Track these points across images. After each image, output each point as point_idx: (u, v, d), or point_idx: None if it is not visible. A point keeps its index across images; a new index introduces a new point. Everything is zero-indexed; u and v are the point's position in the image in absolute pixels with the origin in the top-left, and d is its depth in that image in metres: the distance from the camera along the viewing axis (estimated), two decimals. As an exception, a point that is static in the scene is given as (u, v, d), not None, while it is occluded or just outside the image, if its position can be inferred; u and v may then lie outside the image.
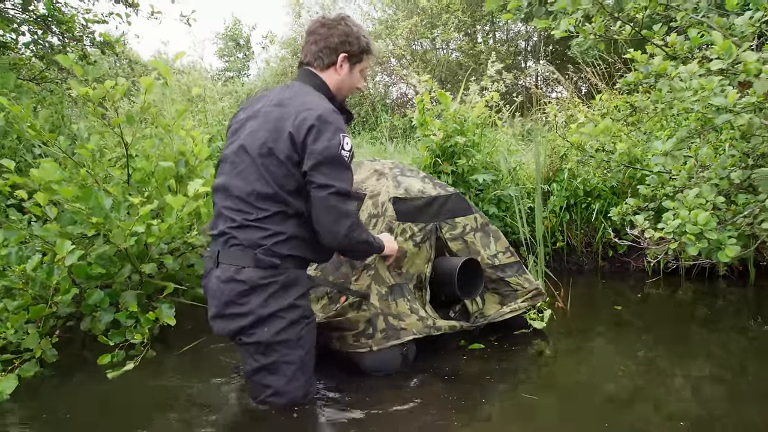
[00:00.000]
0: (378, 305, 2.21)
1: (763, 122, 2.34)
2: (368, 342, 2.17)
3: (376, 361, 2.19)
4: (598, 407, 2.00)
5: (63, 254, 2.28)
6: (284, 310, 1.83)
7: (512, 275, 2.70)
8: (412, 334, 2.22)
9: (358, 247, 1.91)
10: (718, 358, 2.52)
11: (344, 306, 2.25)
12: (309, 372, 1.95)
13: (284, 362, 1.86)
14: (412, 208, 2.47)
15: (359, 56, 1.95)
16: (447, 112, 3.96)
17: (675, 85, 2.38)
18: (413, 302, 2.33)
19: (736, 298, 3.47)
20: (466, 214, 2.67)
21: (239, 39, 14.62)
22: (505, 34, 11.77)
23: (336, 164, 1.77)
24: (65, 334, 2.67)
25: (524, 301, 2.67)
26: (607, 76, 5.62)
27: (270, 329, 1.82)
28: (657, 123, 4.13)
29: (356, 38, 1.92)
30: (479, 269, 2.55)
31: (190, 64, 11.51)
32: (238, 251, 1.82)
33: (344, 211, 1.80)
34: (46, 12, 5.17)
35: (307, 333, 1.91)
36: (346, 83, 1.97)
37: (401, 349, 2.23)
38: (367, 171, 2.74)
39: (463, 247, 2.62)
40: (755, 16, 2.45)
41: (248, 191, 1.80)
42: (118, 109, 2.65)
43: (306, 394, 1.93)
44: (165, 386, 2.24)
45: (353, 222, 1.83)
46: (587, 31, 2.62)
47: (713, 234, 2.38)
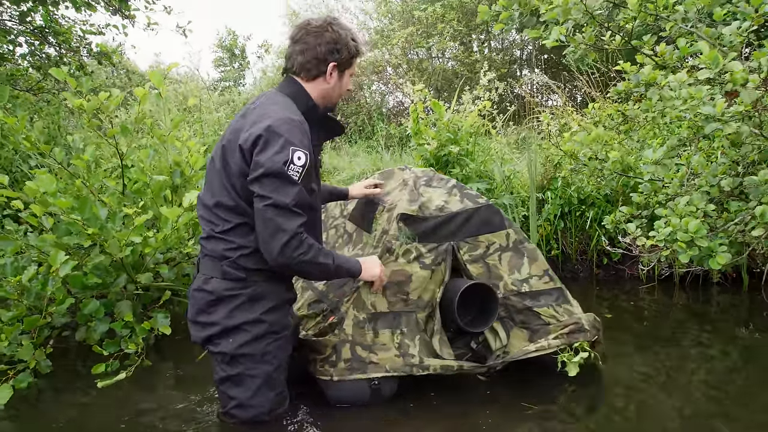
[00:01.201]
0: (350, 332, 2.03)
1: (752, 130, 2.38)
2: (330, 370, 2.00)
3: (337, 391, 2.01)
4: (595, 413, 2.00)
5: (57, 265, 2.29)
6: (249, 323, 1.79)
7: (546, 305, 2.29)
8: (384, 371, 1.98)
9: (303, 267, 1.74)
10: (709, 364, 2.53)
11: (326, 326, 2.11)
12: (277, 388, 1.87)
13: (248, 375, 1.82)
14: (424, 227, 2.23)
15: (349, 62, 1.87)
16: (441, 122, 3.99)
17: (665, 94, 2.41)
18: (409, 335, 2.08)
19: (730, 304, 3.49)
20: (496, 229, 2.34)
21: (234, 49, 14.68)
22: (500, 43, 11.85)
23: (279, 178, 1.66)
24: (60, 344, 2.67)
25: (557, 337, 2.20)
26: (601, 85, 5.67)
27: (234, 341, 1.80)
28: (650, 131, 4.17)
29: (345, 45, 1.82)
30: (492, 296, 2.20)
31: (186, 74, 11.56)
32: (209, 261, 1.81)
33: (280, 226, 1.66)
34: (43, 23, 5.20)
35: (274, 349, 1.84)
36: (336, 90, 1.89)
37: (369, 382, 1.99)
38: (396, 181, 2.53)
39: (483, 270, 2.29)
40: (743, 26, 2.49)
41: (214, 202, 1.79)
42: (113, 120, 2.67)
43: (272, 409, 1.86)
44: (160, 396, 2.24)
45: (291, 238, 1.67)
46: (577, 41, 2.65)
47: (704, 241, 2.40)
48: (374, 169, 5.14)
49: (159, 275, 2.81)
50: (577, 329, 2.20)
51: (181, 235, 2.70)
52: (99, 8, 5.17)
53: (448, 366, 2.04)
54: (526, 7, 2.80)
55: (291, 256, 1.69)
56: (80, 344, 2.62)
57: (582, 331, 2.20)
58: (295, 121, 1.73)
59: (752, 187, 2.52)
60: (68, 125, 5.86)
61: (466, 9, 10.75)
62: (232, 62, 14.73)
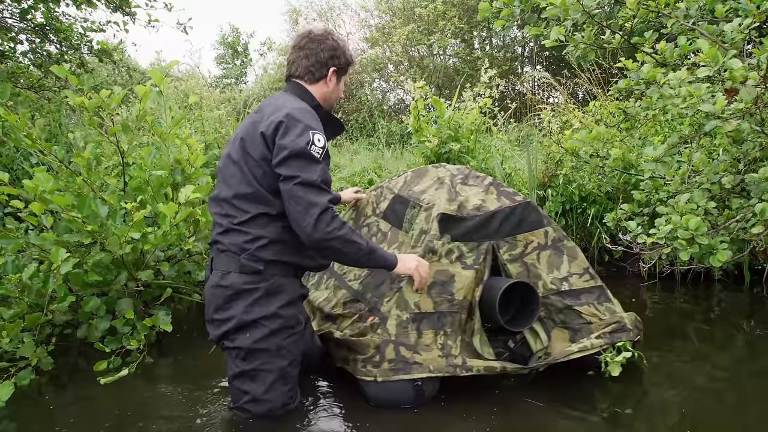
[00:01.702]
0: (393, 332, 2.00)
1: (753, 127, 2.37)
2: (374, 371, 1.96)
3: (381, 392, 1.97)
4: (595, 410, 2.01)
5: (58, 262, 2.30)
6: (266, 318, 1.85)
7: (586, 303, 2.25)
8: (427, 372, 1.94)
9: (337, 245, 1.77)
10: (711, 360, 2.53)
11: (367, 326, 2.08)
12: (290, 383, 1.92)
13: (264, 370, 1.86)
14: (464, 227, 2.21)
15: (345, 68, 2.02)
16: (442, 119, 3.98)
17: (664, 92, 2.40)
18: (452, 336, 2.05)
19: (731, 301, 3.49)
20: (535, 227, 2.32)
21: (236, 46, 14.68)
22: (501, 40, 11.83)
23: (303, 157, 1.74)
24: (61, 342, 2.68)
25: (599, 337, 2.16)
26: (602, 82, 5.66)
27: (251, 336, 1.84)
28: (651, 128, 4.16)
29: (343, 52, 1.97)
30: (534, 294, 2.16)
31: (187, 71, 11.56)
32: (226, 257, 1.86)
33: (311, 201, 1.73)
34: (44, 21, 5.21)
35: (290, 343, 1.90)
36: (334, 94, 2.02)
37: (413, 383, 1.96)
38: (430, 180, 2.50)
39: (522, 269, 2.26)
40: (744, 23, 2.48)
41: (232, 194, 1.85)
42: (114, 118, 2.67)
43: (285, 404, 1.90)
44: (162, 393, 2.25)
45: (323, 212, 1.73)
46: (577, 41, 2.64)
47: (704, 239, 2.39)
48: (375, 167, 5.13)
49: (160, 273, 2.82)
50: (620, 328, 2.17)
51: (181, 232, 2.71)
52: (100, 5, 5.17)
53: (492, 367, 2.01)
54: (526, 4, 2.79)
55: (325, 230, 1.74)
56: (82, 342, 2.63)
57: (624, 330, 2.17)
58: (310, 110, 1.87)
59: (753, 185, 2.52)
60: (69, 123, 5.87)
61: (467, 6, 10.73)
62: (234, 59, 14.73)
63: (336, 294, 2.43)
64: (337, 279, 2.50)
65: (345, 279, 2.45)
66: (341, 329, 2.23)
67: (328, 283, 2.57)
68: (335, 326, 2.29)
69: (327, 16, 13.55)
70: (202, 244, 2.90)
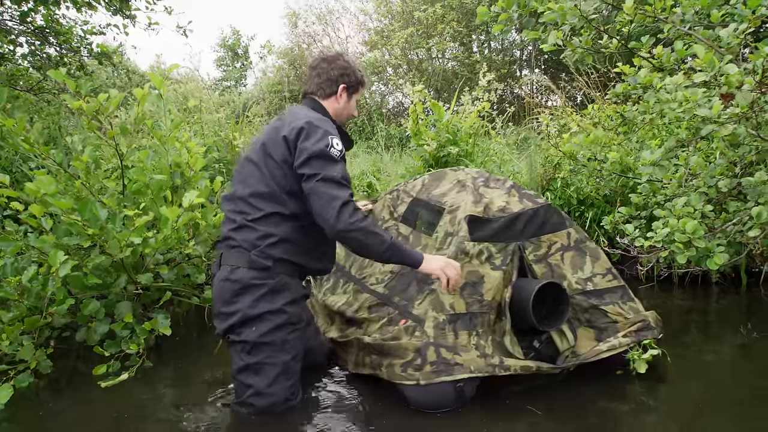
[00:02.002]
0: (431, 334, 1.99)
1: (749, 131, 2.39)
2: (416, 374, 1.94)
3: (425, 396, 1.95)
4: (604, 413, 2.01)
5: (57, 265, 2.30)
6: (272, 313, 1.92)
7: (611, 303, 2.27)
8: (468, 372, 1.93)
9: (359, 236, 1.84)
10: (707, 362, 2.54)
11: (401, 329, 2.06)
12: (293, 378, 1.99)
13: (268, 364, 1.93)
14: (491, 229, 2.22)
15: (356, 87, 2.16)
16: (440, 123, 4.00)
17: (661, 96, 2.42)
18: (483, 336, 2.06)
19: (729, 304, 3.50)
20: (558, 228, 2.34)
21: (237, 49, 14.70)
22: (500, 44, 11.87)
23: (324, 158, 1.87)
24: (60, 345, 2.69)
25: (626, 335, 2.19)
26: (600, 86, 5.68)
27: (257, 330, 1.92)
28: (648, 132, 4.18)
29: (353, 71, 2.13)
30: (564, 295, 2.18)
31: (187, 74, 11.58)
32: (237, 253, 1.95)
33: (333, 194, 1.83)
34: (43, 23, 5.22)
35: (293, 339, 1.98)
36: (345, 111, 2.16)
37: (454, 384, 1.94)
38: (450, 182, 2.52)
39: (546, 270, 2.28)
40: (740, 28, 2.50)
41: (249, 192, 1.96)
42: (113, 121, 2.68)
43: (287, 399, 1.96)
44: (161, 397, 2.25)
45: (344, 204, 1.83)
46: (574, 45, 2.66)
47: (701, 242, 2.41)
48: (374, 170, 5.15)
49: (159, 276, 2.82)
50: (645, 326, 2.22)
51: (181, 236, 2.71)
52: (100, 8, 5.19)
53: (528, 366, 2.02)
54: (525, 8, 2.81)
55: (348, 221, 1.82)
56: (81, 345, 2.63)
57: (650, 328, 2.22)
58: (326, 119, 2.03)
59: (750, 188, 2.53)
60: (69, 125, 5.88)
61: (466, 10, 10.76)
62: (234, 62, 14.75)
63: (357, 298, 2.42)
64: (356, 283, 2.50)
65: (366, 283, 2.45)
66: (369, 334, 2.21)
67: (346, 287, 2.56)
68: (361, 331, 2.27)
69: (326, 19, 13.58)
70: (201, 248, 2.90)
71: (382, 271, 2.44)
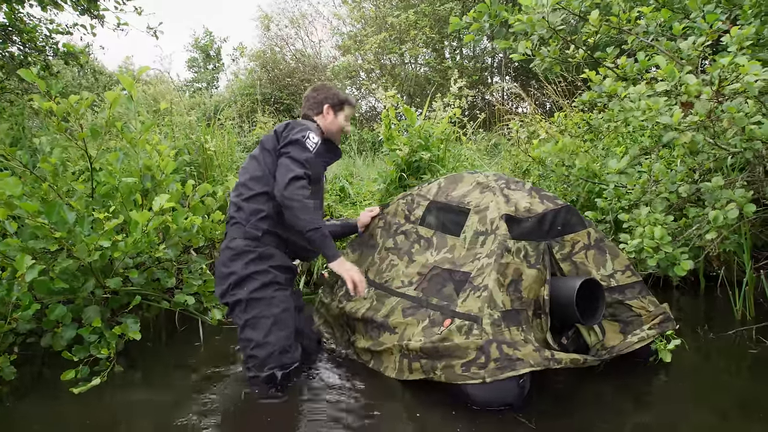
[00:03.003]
0: (490, 331, 2.00)
1: (707, 139, 2.50)
2: (480, 372, 1.95)
3: (490, 393, 1.97)
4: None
5: (23, 270, 2.24)
6: (259, 273, 2.27)
7: (633, 297, 2.38)
8: (530, 366, 1.95)
9: (296, 206, 2.15)
10: (668, 363, 2.64)
11: (450, 330, 2.06)
12: (286, 329, 2.25)
13: (262, 317, 2.23)
14: (524, 228, 2.28)
15: (339, 105, 2.57)
16: (412, 128, 4.04)
17: (625, 105, 2.51)
18: (528, 332, 2.11)
19: (688, 306, 3.64)
20: (577, 229, 2.42)
21: (209, 50, 14.52)
22: (472, 51, 12.05)
23: (298, 144, 2.27)
24: (25, 351, 2.61)
25: (651, 327, 2.31)
26: (568, 93, 5.84)
27: (247, 288, 2.25)
28: (613, 139, 4.31)
29: (335, 94, 2.57)
30: (600, 290, 2.25)
31: (156, 75, 11.38)
32: (236, 228, 2.33)
33: (291, 168, 2.20)
34: (6, 21, 5.07)
35: (279, 295, 2.28)
36: (333, 125, 2.55)
37: (517, 380, 1.98)
38: (469, 184, 2.57)
39: (572, 268, 2.36)
40: (698, 41, 2.63)
41: (247, 177, 2.37)
42: (82, 123, 2.63)
43: (284, 349, 2.22)
44: (130, 402, 2.22)
45: (297, 177, 2.17)
46: (543, 55, 2.74)
47: (669, 247, 2.53)
48: (347, 174, 5.16)
49: (128, 280, 2.78)
50: (666, 318, 2.35)
51: (152, 239, 2.68)
52: (66, 7, 5.07)
53: (576, 359, 2.08)
54: (495, 18, 2.88)
55: (294, 192, 2.16)
56: (46, 351, 2.57)
57: (670, 319, 2.36)
58: (312, 126, 2.41)
59: (708, 193, 2.65)
60: (32, 127, 5.72)
61: (438, 16, 10.90)
62: (206, 64, 14.56)
63: (384, 303, 2.43)
64: (378, 288, 2.50)
65: (391, 287, 2.46)
66: (410, 338, 2.20)
67: (368, 293, 2.54)
68: (396, 336, 2.27)
69: (299, 22, 13.55)
70: (172, 251, 2.87)
71: (406, 273, 2.45)
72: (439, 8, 10.71)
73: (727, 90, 2.25)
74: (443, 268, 2.33)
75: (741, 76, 2.17)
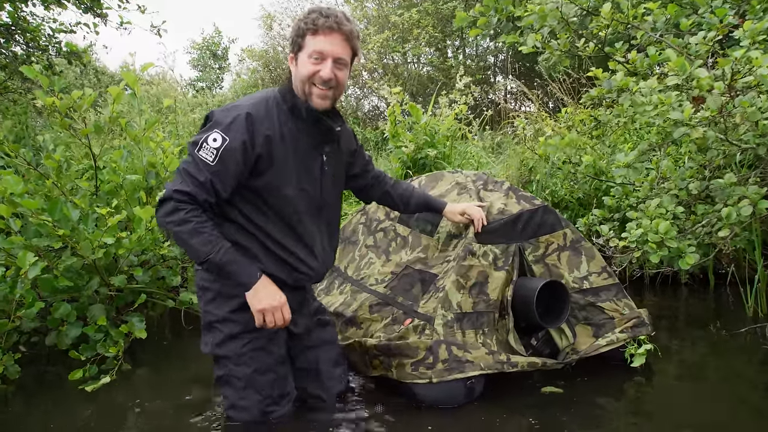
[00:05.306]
0: (441, 332, 2.00)
1: (717, 135, 2.47)
2: (427, 372, 1.95)
3: (435, 393, 1.97)
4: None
5: (26, 267, 2.22)
6: (219, 322, 1.78)
7: (607, 300, 2.35)
8: (479, 369, 1.96)
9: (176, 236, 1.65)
10: (680, 360, 2.60)
11: (407, 329, 2.07)
12: (264, 390, 1.82)
13: (232, 376, 1.81)
14: (493, 230, 2.25)
15: (297, 43, 1.72)
16: (418, 125, 4.02)
17: (636, 99, 2.48)
18: (490, 335, 2.10)
19: (698, 304, 3.60)
20: (554, 229, 2.38)
21: (217, 50, 14.50)
22: (474, 50, 12.01)
23: (189, 148, 1.68)
24: (30, 350, 2.59)
25: (623, 331, 2.29)
26: (572, 91, 5.80)
27: (212, 340, 1.81)
28: (621, 136, 4.28)
29: (295, 28, 1.72)
30: (565, 292, 2.24)
31: (159, 74, 11.37)
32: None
33: (167, 186, 1.67)
34: (9, 21, 5.05)
35: (250, 350, 1.79)
36: (298, 74, 1.73)
37: (465, 382, 1.98)
38: (448, 184, 2.55)
39: (544, 270, 2.34)
40: (708, 36, 2.59)
41: None
42: (85, 120, 2.62)
43: (264, 412, 1.83)
44: (135, 401, 2.19)
45: (162, 200, 1.65)
46: (553, 48, 2.71)
47: (674, 242, 2.48)
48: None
49: (133, 278, 2.75)
50: (640, 323, 2.31)
51: (156, 237, 2.66)
52: (70, 6, 5.05)
53: (534, 362, 2.07)
54: (502, 13, 2.85)
55: (163, 220, 1.64)
56: (50, 350, 2.55)
57: (644, 324, 2.32)
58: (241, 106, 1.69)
59: (718, 190, 2.62)
60: (36, 125, 5.71)
61: (441, 15, 10.86)
62: (212, 63, 14.53)
63: (356, 298, 2.42)
64: (353, 284, 2.50)
65: (365, 284, 2.45)
66: (371, 334, 2.21)
67: (342, 288, 2.55)
68: (361, 332, 2.26)
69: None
70: (177, 249, 2.85)
71: (381, 272, 2.45)
72: (442, 6, 10.67)
73: (739, 84, 2.21)
74: (414, 269, 2.33)
75: (754, 68, 2.13)
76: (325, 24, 1.67)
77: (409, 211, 2.30)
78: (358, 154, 2.09)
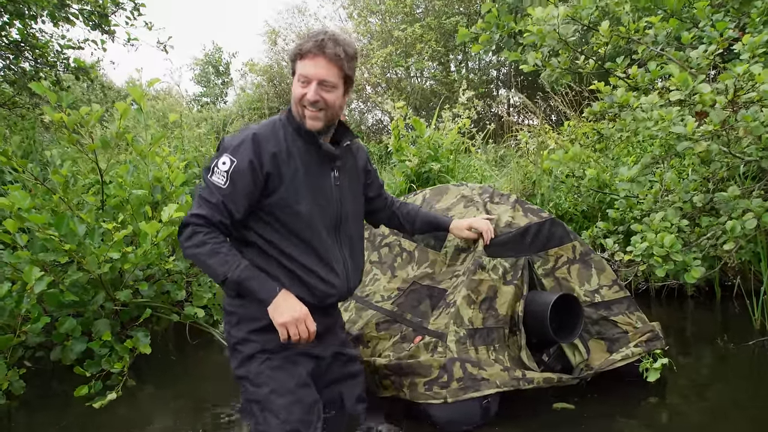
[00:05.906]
0: (454, 350, 1.93)
1: (721, 148, 2.48)
2: (442, 392, 1.87)
3: (450, 413, 1.89)
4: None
5: (32, 282, 2.23)
6: (239, 343, 1.78)
7: (619, 313, 2.30)
8: (495, 387, 1.89)
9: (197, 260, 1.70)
10: (689, 373, 2.58)
11: (418, 346, 2.01)
12: (282, 415, 1.72)
13: (252, 400, 1.77)
14: (502, 243, 2.21)
15: (292, 67, 1.77)
16: (421, 139, 4.04)
17: (637, 115, 2.49)
18: (501, 351, 2.05)
19: (704, 317, 3.58)
20: (563, 242, 2.33)
21: (219, 66, 14.66)
22: (477, 64, 12.10)
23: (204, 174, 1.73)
24: (35, 365, 2.59)
25: (637, 345, 2.22)
26: (575, 104, 5.83)
27: (234, 362, 1.80)
28: (624, 149, 4.29)
29: (290, 53, 1.79)
30: (578, 306, 2.17)
31: (165, 90, 11.49)
32: None
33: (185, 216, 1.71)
34: (19, 37, 5.14)
35: (268, 369, 1.75)
36: (292, 97, 1.78)
37: (480, 401, 1.90)
38: (454, 197, 2.51)
39: (554, 284, 2.29)
40: (709, 50, 2.61)
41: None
42: (92, 135, 2.65)
43: None
44: (139, 416, 2.19)
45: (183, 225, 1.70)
46: (553, 65, 2.73)
47: (679, 256, 2.48)
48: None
49: (138, 292, 2.76)
50: (654, 336, 2.26)
51: (161, 251, 2.67)
52: (78, 23, 5.13)
53: (550, 378, 2.02)
54: (504, 30, 2.88)
55: (185, 245, 1.69)
56: (55, 365, 2.55)
57: (658, 338, 2.26)
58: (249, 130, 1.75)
59: (722, 203, 2.62)
60: (43, 140, 5.77)
61: (444, 30, 10.96)
62: (215, 79, 14.70)
63: (361, 315, 2.37)
64: (358, 301, 2.45)
65: (371, 301, 2.40)
66: (379, 353, 2.15)
67: (347, 305, 2.50)
68: (368, 350, 2.21)
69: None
70: (182, 263, 2.86)
71: (387, 288, 2.40)
72: (444, 21, 10.77)
73: (742, 99, 2.22)
74: (422, 284, 2.28)
75: (757, 84, 2.14)
76: (310, 48, 1.70)
77: (416, 230, 2.25)
78: (374, 174, 2.09)
